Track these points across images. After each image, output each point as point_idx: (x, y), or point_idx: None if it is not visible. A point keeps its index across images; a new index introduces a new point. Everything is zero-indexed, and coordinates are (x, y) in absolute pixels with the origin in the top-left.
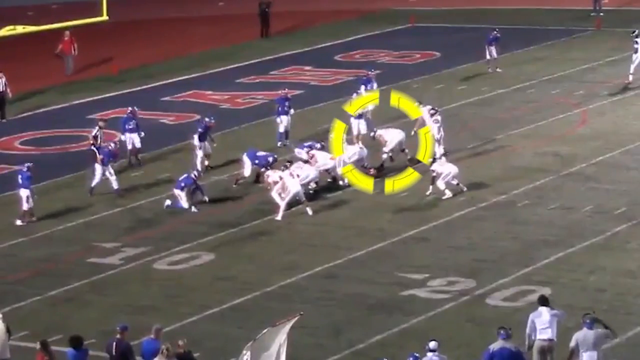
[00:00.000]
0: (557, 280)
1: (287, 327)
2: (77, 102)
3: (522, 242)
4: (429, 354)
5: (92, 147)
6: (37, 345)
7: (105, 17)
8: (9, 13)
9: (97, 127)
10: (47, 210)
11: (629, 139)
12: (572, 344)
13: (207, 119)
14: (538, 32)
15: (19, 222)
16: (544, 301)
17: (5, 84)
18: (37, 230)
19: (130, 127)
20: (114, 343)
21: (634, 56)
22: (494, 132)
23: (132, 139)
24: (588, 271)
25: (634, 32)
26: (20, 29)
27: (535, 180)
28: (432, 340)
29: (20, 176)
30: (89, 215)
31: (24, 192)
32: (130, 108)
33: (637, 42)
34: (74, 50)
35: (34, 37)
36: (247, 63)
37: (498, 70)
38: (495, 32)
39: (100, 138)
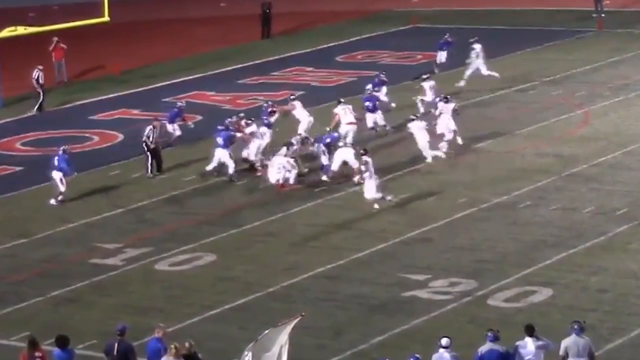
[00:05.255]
0: (558, 281)
1: (289, 327)
2: (79, 102)
3: (524, 243)
4: (441, 351)
5: (145, 146)
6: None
7: (106, 18)
8: (10, 14)
9: (150, 127)
10: (49, 211)
11: (630, 140)
12: (561, 351)
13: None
14: (540, 32)
15: (52, 202)
16: (530, 331)
17: (39, 76)
18: (38, 230)
19: (176, 121)
20: (116, 343)
21: (473, 62)
22: (496, 133)
23: (175, 129)
24: (590, 272)
25: (474, 38)
26: (21, 30)
27: (536, 181)
28: (444, 337)
29: (56, 158)
30: (91, 216)
31: (56, 175)
32: (179, 103)
33: (474, 49)
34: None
35: (35, 38)
36: (248, 64)
37: (436, 71)
38: (446, 37)
39: (153, 138)
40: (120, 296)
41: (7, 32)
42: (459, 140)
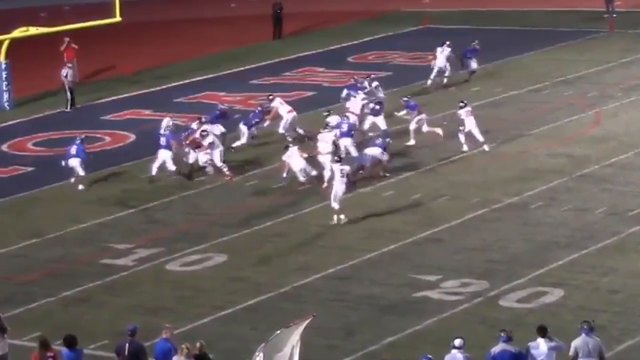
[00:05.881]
0: (570, 282)
1: (300, 328)
2: (90, 103)
3: (535, 244)
4: (454, 351)
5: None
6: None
7: (118, 19)
8: (22, 14)
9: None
10: (60, 211)
11: None
12: (571, 352)
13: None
14: (551, 33)
15: (80, 187)
16: (542, 332)
17: (68, 73)
18: (50, 231)
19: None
20: (127, 344)
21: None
22: (507, 134)
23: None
24: (601, 273)
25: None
26: (33, 30)
27: (548, 182)
28: (457, 338)
29: (74, 147)
30: (102, 216)
31: (74, 162)
32: (221, 105)
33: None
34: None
35: (46, 38)
36: (260, 64)
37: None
38: (474, 44)
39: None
40: (131, 296)
41: (18, 33)
42: (471, 141)
